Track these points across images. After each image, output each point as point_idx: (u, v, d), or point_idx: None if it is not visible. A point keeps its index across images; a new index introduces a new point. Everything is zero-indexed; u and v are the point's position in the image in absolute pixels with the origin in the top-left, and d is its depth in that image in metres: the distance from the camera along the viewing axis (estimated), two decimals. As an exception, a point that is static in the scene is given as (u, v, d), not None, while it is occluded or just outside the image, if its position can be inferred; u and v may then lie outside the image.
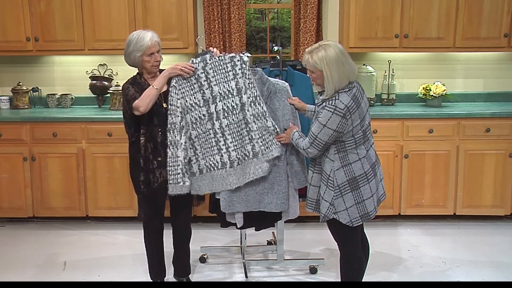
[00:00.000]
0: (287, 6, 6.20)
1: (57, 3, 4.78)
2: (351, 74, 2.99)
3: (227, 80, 3.34)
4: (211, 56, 3.36)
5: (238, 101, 3.34)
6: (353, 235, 3.16)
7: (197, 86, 3.36)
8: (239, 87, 3.33)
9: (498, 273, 3.94)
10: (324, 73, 2.95)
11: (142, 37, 3.38)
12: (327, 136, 2.97)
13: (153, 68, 3.45)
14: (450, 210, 4.78)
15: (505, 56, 5.15)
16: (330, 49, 2.95)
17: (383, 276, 3.89)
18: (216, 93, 3.36)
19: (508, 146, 4.69)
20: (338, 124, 2.93)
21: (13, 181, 4.75)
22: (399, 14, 4.76)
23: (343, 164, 3.02)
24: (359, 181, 3.03)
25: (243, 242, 4.06)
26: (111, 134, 4.67)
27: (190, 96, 3.37)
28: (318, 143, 3.01)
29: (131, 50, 3.39)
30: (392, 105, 5.08)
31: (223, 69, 3.34)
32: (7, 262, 4.19)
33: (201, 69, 3.36)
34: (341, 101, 2.92)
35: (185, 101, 3.36)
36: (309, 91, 3.81)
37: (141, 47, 3.36)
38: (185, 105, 3.36)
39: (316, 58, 2.96)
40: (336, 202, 3.05)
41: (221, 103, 3.36)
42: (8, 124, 4.72)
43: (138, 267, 4.06)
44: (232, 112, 3.35)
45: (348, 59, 2.99)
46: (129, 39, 3.42)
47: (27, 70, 5.23)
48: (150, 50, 3.38)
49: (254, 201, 3.47)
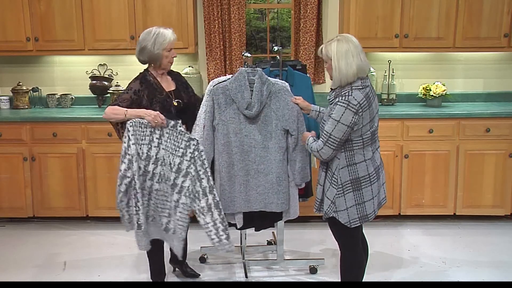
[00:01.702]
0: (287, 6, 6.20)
1: (57, 3, 4.78)
2: (360, 69, 2.99)
3: (174, 153, 3.26)
4: (175, 124, 3.27)
5: (172, 179, 3.27)
6: (353, 236, 3.16)
7: (148, 139, 3.30)
8: (181, 167, 3.25)
9: (498, 273, 3.94)
10: (332, 63, 3.00)
11: (163, 33, 3.44)
12: (342, 132, 2.96)
13: (169, 65, 3.53)
14: (450, 210, 4.78)
15: (505, 56, 5.15)
16: (343, 40, 3.01)
17: (383, 276, 3.89)
18: (160, 157, 3.29)
19: (508, 146, 4.69)
20: (351, 119, 2.94)
21: (13, 181, 4.75)
22: (399, 14, 4.76)
23: (349, 164, 3.03)
24: (362, 182, 3.04)
25: (243, 242, 4.06)
26: (111, 134, 4.66)
27: (142, 146, 3.30)
28: (332, 141, 2.99)
29: (151, 45, 3.42)
30: (392, 105, 5.09)
31: (176, 142, 3.26)
32: (7, 262, 4.19)
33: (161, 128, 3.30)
34: (354, 98, 2.94)
35: (135, 147, 3.28)
36: (309, 91, 3.81)
37: (164, 41, 3.43)
38: (131, 153, 3.27)
39: (328, 47, 3.02)
40: (338, 201, 3.05)
41: (160, 168, 3.30)
42: (8, 124, 4.72)
43: (138, 267, 4.06)
44: (165, 182, 3.31)
45: (360, 54, 3.00)
46: (145, 36, 3.45)
47: (27, 70, 5.23)
48: (170, 46, 3.46)
49: (255, 201, 3.48)
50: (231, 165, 3.45)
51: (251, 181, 3.47)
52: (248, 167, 3.46)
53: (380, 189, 3.15)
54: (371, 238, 3.42)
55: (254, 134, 3.43)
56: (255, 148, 3.44)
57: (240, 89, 3.36)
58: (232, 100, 3.40)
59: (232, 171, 3.45)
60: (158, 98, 3.46)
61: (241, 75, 3.39)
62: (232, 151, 3.44)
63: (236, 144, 3.44)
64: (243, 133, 3.44)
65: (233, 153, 3.44)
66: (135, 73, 3.57)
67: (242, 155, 3.45)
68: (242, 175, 3.46)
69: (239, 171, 3.46)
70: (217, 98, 3.42)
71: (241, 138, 3.44)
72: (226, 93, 3.41)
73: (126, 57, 5.08)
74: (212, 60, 5.09)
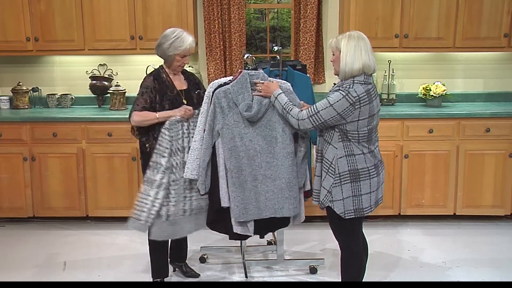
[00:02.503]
0: (287, 6, 6.20)
1: (57, 3, 4.78)
2: (367, 65, 3.02)
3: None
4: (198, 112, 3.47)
5: None
6: (351, 231, 3.16)
7: (181, 133, 3.46)
8: None
9: (498, 273, 3.94)
10: (341, 54, 3.03)
11: (183, 38, 3.47)
12: (329, 116, 2.98)
13: (179, 68, 3.57)
14: (450, 210, 4.78)
15: (505, 56, 5.15)
16: (355, 35, 3.07)
17: (383, 276, 3.89)
18: (187, 146, 3.47)
19: (508, 146, 4.69)
20: (344, 109, 2.95)
21: (13, 181, 4.75)
22: (399, 14, 4.76)
23: (347, 154, 3.04)
24: (360, 174, 3.04)
25: (243, 242, 4.05)
26: (111, 134, 4.67)
27: (178, 140, 3.45)
28: (317, 118, 3.01)
29: (167, 45, 3.47)
30: (392, 105, 5.09)
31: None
32: (7, 262, 4.19)
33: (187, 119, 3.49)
34: (354, 90, 2.97)
35: (172, 144, 3.43)
36: (309, 91, 3.81)
37: (180, 47, 3.46)
38: (172, 148, 3.43)
39: (340, 39, 3.08)
40: (334, 190, 3.06)
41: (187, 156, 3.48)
42: (8, 124, 4.72)
43: (138, 267, 4.06)
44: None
45: (369, 50, 3.05)
46: (170, 33, 3.49)
47: (27, 70, 5.23)
48: (186, 53, 3.50)
49: (265, 208, 3.37)
50: (240, 170, 3.35)
51: (259, 186, 3.36)
52: (256, 172, 3.36)
53: (379, 186, 3.16)
54: (371, 238, 3.43)
55: (258, 139, 3.34)
56: (260, 154, 3.35)
57: (241, 91, 3.33)
58: (234, 103, 3.36)
59: (242, 177, 3.35)
60: (169, 95, 3.50)
61: (243, 77, 3.35)
62: (239, 156, 3.35)
63: (242, 148, 3.34)
64: (247, 138, 3.35)
65: (241, 157, 3.35)
66: (135, 73, 3.59)
67: (249, 160, 3.35)
68: (250, 180, 3.36)
69: (248, 176, 3.36)
70: (219, 102, 3.35)
71: (246, 143, 3.35)
72: (228, 96, 3.35)
73: (126, 57, 5.08)
74: (212, 60, 5.09)
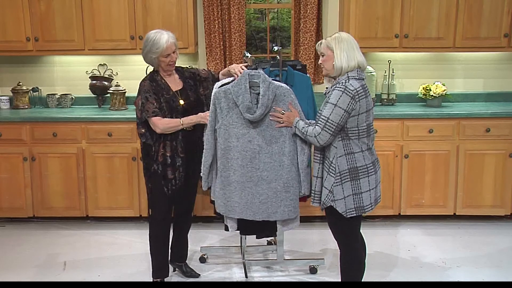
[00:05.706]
0: (287, 6, 6.20)
1: (57, 3, 4.78)
2: (361, 61, 3.08)
3: None
4: None
5: None
6: (350, 231, 3.17)
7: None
8: None
9: (498, 273, 3.94)
10: (334, 52, 3.05)
11: (158, 39, 3.44)
12: (339, 116, 2.99)
13: (169, 67, 3.54)
14: (450, 210, 4.78)
15: (505, 56, 5.15)
16: (343, 33, 3.12)
17: (383, 276, 3.89)
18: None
19: (508, 146, 4.69)
20: (348, 104, 2.98)
21: (13, 181, 4.75)
22: (399, 14, 4.76)
23: (346, 152, 3.05)
24: (359, 172, 3.06)
25: (243, 242, 4.05)
26: (111, 134, 4.67)
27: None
28: (330, 125, 3.01)
29: (147, 50, 3.47)
30: (392, 105, 5.08)
31: None
32: (7, 262, 4.19)
33: None
34: (351, 84, 3.00)
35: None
36: (309, 91, 3.80)
37: (157, 49, 3.44)
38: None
39: (329, 39, 3.11)
40: (335, 189, 3.07)
41: None
42: (8, 124, 4.72)
43: (138, 267, 4.06)
44: None
45: (358, 50, 3.10)
46: (146, 39, 3.49)
47: (27, 70, 5.23)
48: (166, 52, 3.46)
49: (258, 211, 3.40)
50: (228, 171, 3.40)
51: (253, 188, 3.38)
52: (251, 174, 3.37)
53: (377, 184, 3.18)
54: (370, 238, 3.43)
55: (258, 139, 3.36)
56: (259, 154, 3.36)
57: (241, 92, 3.33)
58: (235, 104, 3.37)
59: (229, 178, 3.39)
60: (165, 97, 3.50)
61: (243, 78, 3.35)
62: (232, 157, 3.37)
63: (237, 149, 3.36)
64: (246, 138, 3.36)
65: (234, 158, 3.37)
66: (135, 73, 3.59)
67: (244, 161, 3.36)
68: (243, 181, 3.38)
69: (240, 177, 3.37)
70: (219, 102, 3.37)
71: (244, 143, 3.36)
72: (228, 96, 3.36)
73: (126, 57, 5.08)
74: (212, 60, 5.09)
